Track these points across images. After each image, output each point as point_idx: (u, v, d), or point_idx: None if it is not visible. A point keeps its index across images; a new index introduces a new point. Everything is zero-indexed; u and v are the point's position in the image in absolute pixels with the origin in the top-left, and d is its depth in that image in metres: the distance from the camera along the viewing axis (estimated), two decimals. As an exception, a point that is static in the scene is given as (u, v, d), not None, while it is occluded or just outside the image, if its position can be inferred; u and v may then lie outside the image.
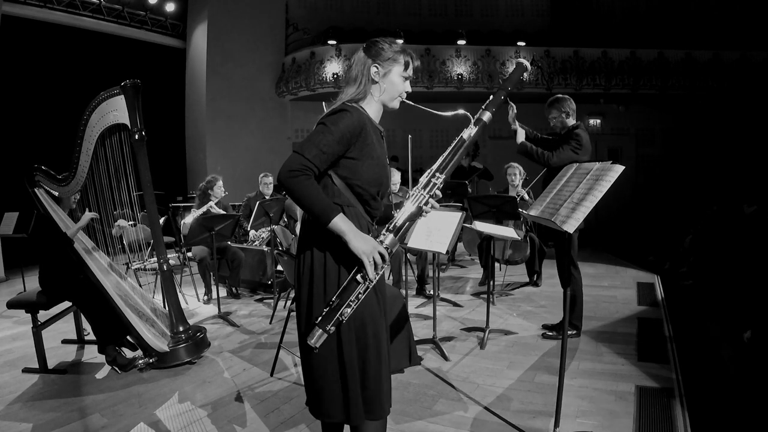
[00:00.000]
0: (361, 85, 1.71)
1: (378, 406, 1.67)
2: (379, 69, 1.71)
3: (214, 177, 5.34)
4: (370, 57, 1.71)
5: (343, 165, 1.64)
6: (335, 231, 1.55)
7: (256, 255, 5.47)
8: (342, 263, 1.62)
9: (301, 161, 1.54)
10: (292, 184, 1.53)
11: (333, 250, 1.62)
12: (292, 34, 10.62)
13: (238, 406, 2.83)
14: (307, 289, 1.66)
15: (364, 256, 1.54)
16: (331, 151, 1.58)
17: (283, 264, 3.40)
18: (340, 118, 1.61)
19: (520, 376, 3.13)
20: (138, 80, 3.26)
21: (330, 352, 1.63)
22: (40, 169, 3.50)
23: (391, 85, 1.73)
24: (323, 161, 1.58)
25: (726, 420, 2.63)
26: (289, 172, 1.53)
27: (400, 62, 1.73)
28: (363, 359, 1.64)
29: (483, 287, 5.40)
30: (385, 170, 1.73)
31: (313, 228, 1.65)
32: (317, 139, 1.57)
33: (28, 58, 7.91)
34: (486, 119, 1.76)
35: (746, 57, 9.69)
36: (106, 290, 3.32)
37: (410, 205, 1.66)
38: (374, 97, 1.73)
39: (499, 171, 6.28)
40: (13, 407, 2.85)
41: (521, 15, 11.45)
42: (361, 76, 1.71)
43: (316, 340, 1.55)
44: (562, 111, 3.65)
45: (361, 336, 1.64)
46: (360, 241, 1.54)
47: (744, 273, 4.73)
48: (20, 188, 3.56)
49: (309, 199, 1.53)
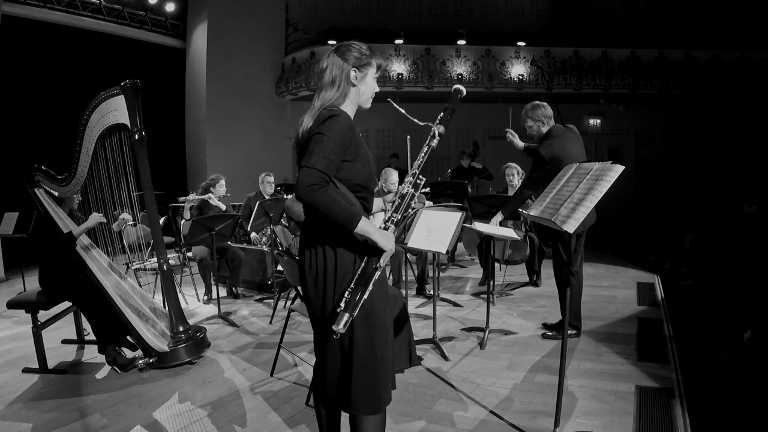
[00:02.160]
0: (340, 89, 1.77)
1: (376, 398, 1.73)
2: (357, 73, 1.78)
3: (218, 176, 5.36)
4: (347, 62, 1.78)
5: (341, 168, 1.70)
6: (361, 233, 1.64)
7: (256, 255, 5.47)
8: (354, 255, 1.71)
9: (315, 174, 1.59)
10: (315, 197, 1.57)
11: (342, 244, 1.70)
12: (292, 34, 10.63)
13: (238, 406, 2.83)
14: (322, 282, 1.73)
15: (388, 251, 1.68)
16: (336, 157, 1.65)
17: (283, 264, 3.39)
18: (334, 123, 1.66)
19: (520, 376, 3.12)
20: (138, 80, 3.26)
21: (340, 343, 1.72)
22: (40, 169, 3.49)
23: (367, 87, 1.83)
24: (332, 169, 1.64)
25: (726, 420, 2.63)
26: (308, 188, 1.57)
27: (374, 65, 1.83)
28: (372, 351, 1.72)
29: (483, 287, 5.39)
30: (372, 167, 1.82)
31: (318, 226, 1.72)
32: (321, 149, 1.62)
33: (28, 58, 7.90)
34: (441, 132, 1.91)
35: (746, 57, 9.69)
36: (106, 290, 3.32)
37: (405, 201, 1.82)
38: (351, 100, 1.81)
39: (498, 171, 6.28)
40: (13, 407, 2.85)
41: (521, 15, 11.45)
42: (339, 80, 1.77)
43: (343, 325, 1.62)
44: (536, 120, 3.66)
45: (369, 327, 1.72)
46: (384, 238, 1.67)
47: (744, 273, 4.73)
48: (20, 188, 3.56)
49: (332, 209, 1.59)
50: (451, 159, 10.26)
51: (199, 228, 4.42)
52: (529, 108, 3.71)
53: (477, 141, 8.98)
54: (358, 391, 1.71)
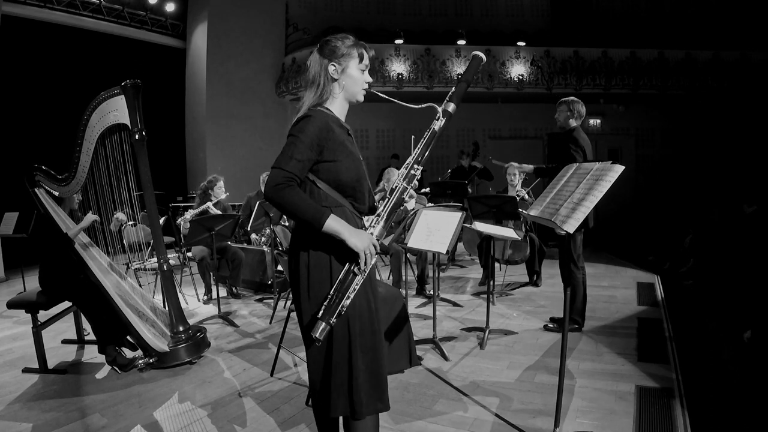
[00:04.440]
0: (321, 86, 1.75)
1: (357, 403, 1.66)
2: (336, 67, 1.74)
3: (216, 177, 5.34)
4: (325, 57, 1.75)
5: (323, 169, 1.69)
6: (330, 232, 1.59)
7: (256, 255, 5.47)
8: (333, 260, 1.67)
9: (281, 174, 1.59)
10: (280, 197, 1.57)
11: (324, 249, 1.67)
12: (292, 34, 10.62)
13: (238, 406, 2.83)
14: (304, 286, 1.70)
15: (361, 251, 1.60)
16: (305, 157, 1.63)
17: (283, 264, 3.40)
18: (305, 124, 1.65)
19: (520, 376, 3.13)
20: (138, 80, 3.26)
21: (324, 347, 1.68)
22: (40, 169, 3.49)
23: (350, 79, 1.76)
24: (301, 169, 1.63)
25: (726, 420, 2.63)
26: (274, 187, 1.57)
27: (355, 56, 1.76)
28: (349, 355, 1.67)
29: (483, 287, 5.40)
30: (361, 165, 1.77)
31: (303, 231, 1.71)
32: (290, 150, 1.62)
33: (28, 58, 7.90)
34: (451, 110, 1.80)
35: (746, 57, 9.69)
36: (106, 290, 3.32)
37: (393, 196, 1.73)
38: (337, 96, 1.77)
39: (498, 171, 6.28)
40: (13, 407, 2.85)
41: (521, 15, 11.45)
42: (319, 77, 1.75)
43: (320, 333, 1.59)
44: (569, 110, 3.89)
45: (347, 332, 1.67)
46: (355, 238, 1.60)
47: (744, 273, 4.74)
48: (20, 188, 3.56)
49: (299, 208, 1.58)
50: (451, 159, 10.26)
51: (199, 228, 4.43)
52: (566, 100, 3.93)
53: (477, 141, 8.99)
54: (335, 394, 1.67)
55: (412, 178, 1.75)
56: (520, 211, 4.36)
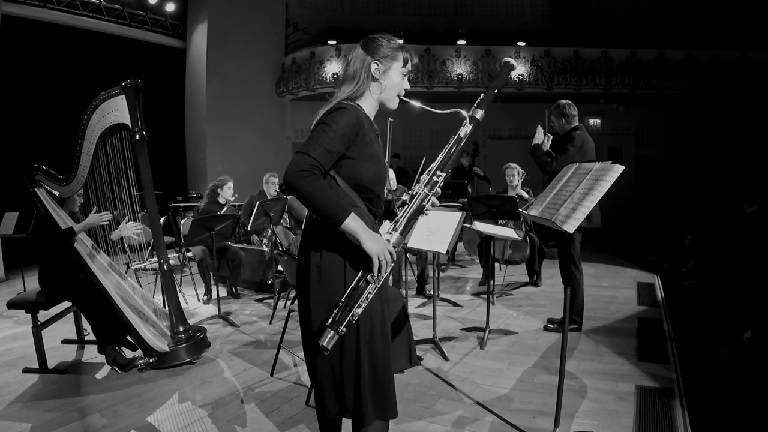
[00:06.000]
0: (359, 82, 1.67)
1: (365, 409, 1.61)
2: (379, 66, 1.68)
3: (225, 178, 5.32)
4: (369, 54, 1.68)
5: (344, 165, 1.61)
6: (348, 231, 1.51)
7: (256, 255, 5.47)
8: (347, 264, 1.60)
9: (308, 161, 1.49)
10: (302, 184, 1.48)
11: (339, 250, 1.60)
12: (292, 34, 10.63)
13: (238, 406, 2.83)
14: (313, 288, 1.63)
15: (375, 256, 1.52)
16: (335, 149, 1.55)
17: (283, 264, 3.40)
18: (340, 116, 1.57)
19: (520, 376, 3.13)
20: (139, 80, 3.26)
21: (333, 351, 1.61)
22: (40, 168, 3.49)
23: (390, 82, 1.70)
24: (328, 160, 1.55)
25: (726, 420, 2.63)
26: (298, 173, 1.47)
27: (399, 59, 1.70)
28: (357, 359, 1.61)
29: (483, 287, 5.39)
30: (384, 168, 1.71)
31: (318, 229, 1.63)
32: (320, 138, 1.54)
33: (28, 58, 7.91)
34: (479, 117, 1.73)
35: (746, 57, 9.69)
36: (106, 290, 3.32)
37: (413, 203, 1.66)
38: (372, 95, 1.71)
39: (498, 171, 6.28)
40: (13, 407, 2.85)
41: (521, 15, 11.45)
42: (360, 73, 1.67)
43: (327, 341, 1.52)
44: (560, 115, 3.89)
45: (357, 336, 1.61)
46: (372, 241, 1.52)
47: (744, 273, 4.73)
48: (20, 188, 3.55)
49: (319, 200, 1.49)
50: (451, 159, 10.24)
51: (199, 228, 4.43)
52: (555, 106, 3.92)
53: (477, 141, 8.99)
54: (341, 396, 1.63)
55: (434, 185, 1.65)
56: (520, 211, 4.36)
